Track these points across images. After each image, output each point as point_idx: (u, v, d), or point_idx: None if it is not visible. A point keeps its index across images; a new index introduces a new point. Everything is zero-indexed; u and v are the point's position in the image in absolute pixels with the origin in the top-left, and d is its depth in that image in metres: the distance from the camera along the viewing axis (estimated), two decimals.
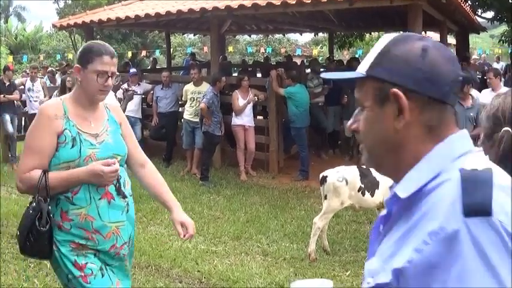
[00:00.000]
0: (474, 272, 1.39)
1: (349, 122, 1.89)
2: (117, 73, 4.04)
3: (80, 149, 3.79)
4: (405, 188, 1.62)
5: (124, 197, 3.99)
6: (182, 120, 13.94)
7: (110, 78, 3.84)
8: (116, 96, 11.69)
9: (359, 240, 8.64)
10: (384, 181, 8.06)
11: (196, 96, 13.17)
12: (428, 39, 1.71)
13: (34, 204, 3.79)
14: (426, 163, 1.64)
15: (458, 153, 1.64)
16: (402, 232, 1.61)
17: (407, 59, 1.66)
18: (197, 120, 12.93)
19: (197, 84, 13.37)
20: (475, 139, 7.35)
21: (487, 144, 2.31)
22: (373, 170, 8.16)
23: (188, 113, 13.34)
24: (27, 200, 10.93)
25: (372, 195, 7.96)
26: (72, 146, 3.78)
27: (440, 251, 1.46)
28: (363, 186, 7.96)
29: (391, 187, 1.80)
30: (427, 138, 1.67)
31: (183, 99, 14.05)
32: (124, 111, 11.69)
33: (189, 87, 13.48)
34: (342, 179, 7.93)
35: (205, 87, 13.10)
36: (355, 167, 8.45)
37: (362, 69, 1.76)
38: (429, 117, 1.66)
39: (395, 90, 1.64)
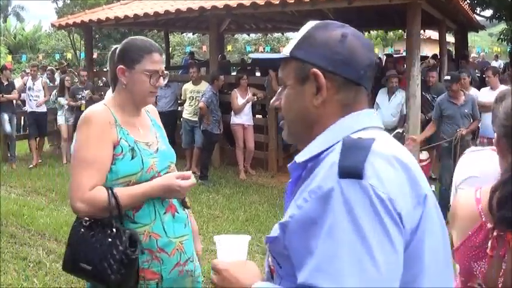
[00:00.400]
0: (341, 227, 1.50)
1: (273, 100, 2.03)
2: (167, 71, 3.51)
3: (142, 160, 3.31)
4: (302, 155, 1.80)
5: (186, 207, 3.59)
6: (181, 119, 13.94)
7: (162, 77, 3.40)
8: None
9: None
10: None
11: (195, 95, 13.18)
12: (349, 28, 1.89)
13: (112, 230, 3.17)
14: (326, 134, 1.81)
15: (358, 127, 1.80)
16: (298, 193, 1.76)
17: (328, 43, 1.84)
18: (196, 119, 12.94)
19: (196, 83, 13.38)
20: (473, 133, 7.39)
21: (505, 143, 2.30)
22: None
23: (187, 112, 13.35)
24: (26, 199, 10.96)
25: None
26: (132, 158, 3.30)
27: (316, 207, 1.59)
28: None
29: None
30: (341, 115, 1.83)
31: (182, 98, 14.07)
32: None
33: (188, 86, 13.50)
34: None
35: (204, 86, 13.12)
36: None
37: (286, 51, 1.94)
38: (344, 96, 1.83)
39: (315, 70, 1.82)
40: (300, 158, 1.81)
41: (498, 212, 2.12)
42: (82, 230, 3.21)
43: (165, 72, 3.43)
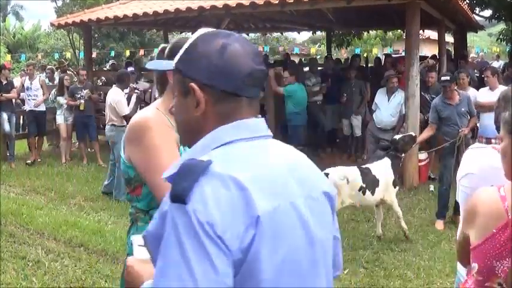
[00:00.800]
0: (169, 248, 1.64)
1: (170, 105, 2.07)
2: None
3: None
4: (168, 171, 1.81)
5: None
6: None
7: None
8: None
9: (357, 238, 8.65)
10: (384, 178, 8.14)
11: None
12: (233, 36, 1.93)
13: None
14: (195, 148, 1.89)
15: (219, 142, 1.85)
16: None
17: (206, 55, 1.86)
18: None
19: None
20: (473, 130, 7.40)
21: None
22: (373, 168, 8.25)
23: None
24: (25, 198, 10.96)
25: (373, 194, 8.14)
26: None
27: (159, 225, 1.74)
28: (364, 185, 8.09)
29: None
30: (221, 125, 1.88)
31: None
32: (136, 111, 11.63)
33: None
34: (343, 177, 8.01)
35: None
36: (356, 167, 8.55)
37: (175, 61, 1.97)
38: (222, 108, 1.88)
39: (192, 84, 1.86)
40: (165, 173, 1.83)
41: None
42: None
43: None
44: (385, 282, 7.06)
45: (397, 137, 9.10)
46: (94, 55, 23.56)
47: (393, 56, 21.09)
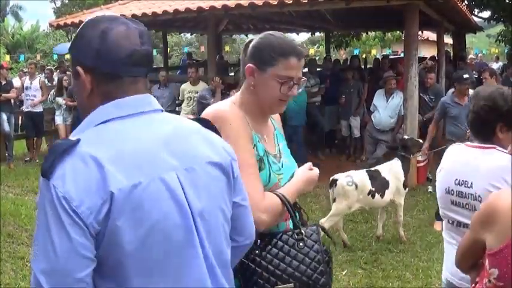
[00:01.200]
0: (39, 218, 1.88)
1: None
2: (303, 78, 3.03)
3: (270, 175, 2.91)
4: None
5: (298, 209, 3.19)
6: None
7: (296, 85, 2.92)
8: None
9: (355, 239, 8.66)
10: (394, 180, 8.17)
11: (193, 95, 13.20)
12: (120, 20, 2.11)
13: (295, 234, 2.84)
14: (77, 129, 2.05)
15: (100, 120, 2.01)
16: None
17: (89, 40, 2.04)
18: None
19: (194, 84, 13.40)
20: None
21: None
22: (382, 170, 8.29)
23: (185, 113, 13.33)
24: (24, 199, 10.97)
25: (382, 196, 8.18)
26: (260, 169, 2.87)
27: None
28: (373, 189, 8.12)
29: None
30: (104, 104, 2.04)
31: (179, 98, 14.06)
32: None
33: (186, 87, 13.52)
34: (351, 183, 8.03)
35: (202, 86, 13.16)
36: (364, 170, 8.58)
37: (69, 47, 2.17)
38: (105, 88, 2.04)
39: (77, 68, 2.04)
40: None
41: None
42: (259, 251, 2.77)
43: (302, 79, 2.99)
44: (384, 283, 7.06)
45: (406, 136, 9.15)
46: None
47: (390, 57, 21.14)
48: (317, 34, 32.18)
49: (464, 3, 16.45)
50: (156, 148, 2.00)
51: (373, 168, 8.61)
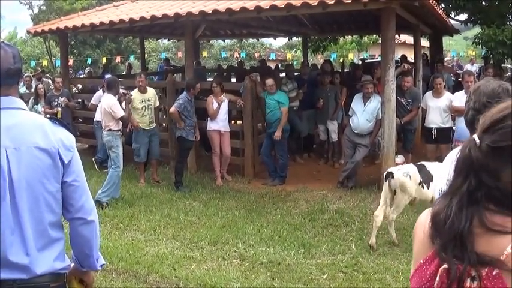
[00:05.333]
0: None
1: None
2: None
3: None
4: None
5: None
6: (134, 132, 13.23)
7: None
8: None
9: (335, 243, 8.67)
10: (437, 175, 8.23)
11: (147, 104, 12.87)
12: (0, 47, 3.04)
13: None
14: None
15: None
16: None
17: None
18: (153, 127, 12.90)
19: (143, 91, 13.02)
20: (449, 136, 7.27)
21: None
22: (427, 165, 8.62)
23: (144, 123, 12.90)
24: None
25: (428, 188, 8.40)
26: None
27: None
28: (421, 180, 8.40)
29: None
30: None
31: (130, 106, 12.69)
32: (130, 115, 11.96)
33: (135, 95, 12.86)
34: (406, 174, 8.39)
35: (151, 93, 12.97)
36: (412, 164, 9.04)
37: None
38: None
39: None
40: None
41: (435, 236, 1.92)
42: None
43: None
44: (365, 286, 7.08)
45: None
46: (70, 62, 23.48)
47: (367, 61, 21.24)
48: (294, 39, 32.36)
49: (440, 7, 16.52)
50: None
51: (418, 163, 8.85)
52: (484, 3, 19.07)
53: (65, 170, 3.11)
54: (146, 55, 30.25)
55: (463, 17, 20.92)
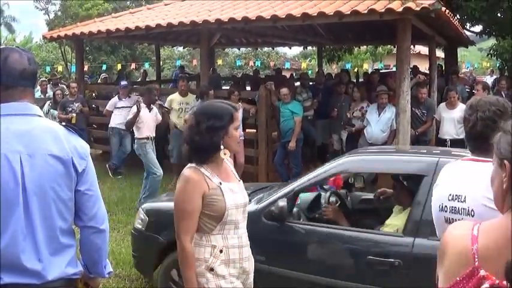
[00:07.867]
0: None
1: None
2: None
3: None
4: None
5: None
6: (171, 132, 13.78)
7: None
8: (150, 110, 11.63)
9: None
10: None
11: (184, 106, 13.12)
12: (15, 50, 3.15)
13: None
14: None
15: None
16: None
17: None
18: None
19: (184, 95, 13.34)
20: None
21: None
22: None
23: (181, 123, 13.11)
24: None
25: None
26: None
27: None
28: None
29: None
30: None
31: (167, 105, 13.65)
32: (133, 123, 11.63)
33: (175, 97, 13.54)
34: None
35: (190, 98, 13.17)
36: None
37: None
38: (5, 94, 3.03)
39: None
40: None
41: None
42: None
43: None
44: None
45: None
46: (85, 68, 23.57)
47: (381, 71, 21.19)
48: (309, 48, 32.28)
49: (456, 18, 16.50)
50: (12, 137, 2.96)
51: None
52: (499, 15, 19.01)
53: (78, 178, 3.14)
54: (161, 62, 30.30)
55: (478, 28, 20.87)
